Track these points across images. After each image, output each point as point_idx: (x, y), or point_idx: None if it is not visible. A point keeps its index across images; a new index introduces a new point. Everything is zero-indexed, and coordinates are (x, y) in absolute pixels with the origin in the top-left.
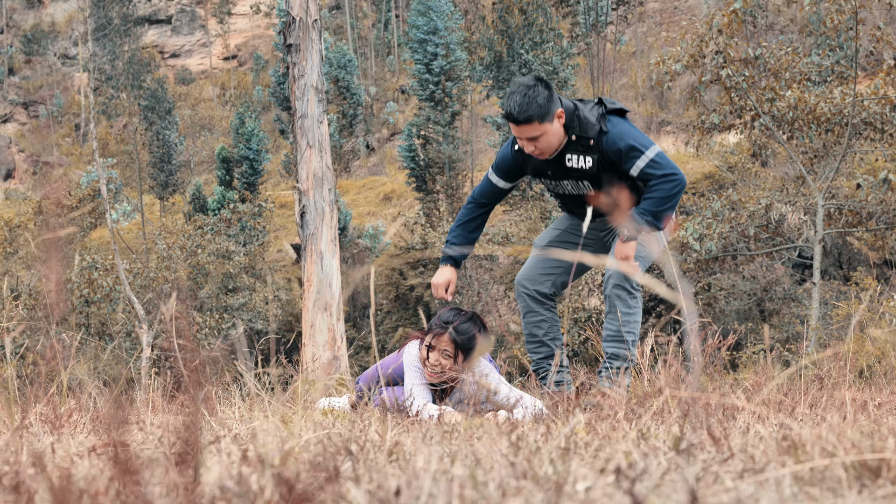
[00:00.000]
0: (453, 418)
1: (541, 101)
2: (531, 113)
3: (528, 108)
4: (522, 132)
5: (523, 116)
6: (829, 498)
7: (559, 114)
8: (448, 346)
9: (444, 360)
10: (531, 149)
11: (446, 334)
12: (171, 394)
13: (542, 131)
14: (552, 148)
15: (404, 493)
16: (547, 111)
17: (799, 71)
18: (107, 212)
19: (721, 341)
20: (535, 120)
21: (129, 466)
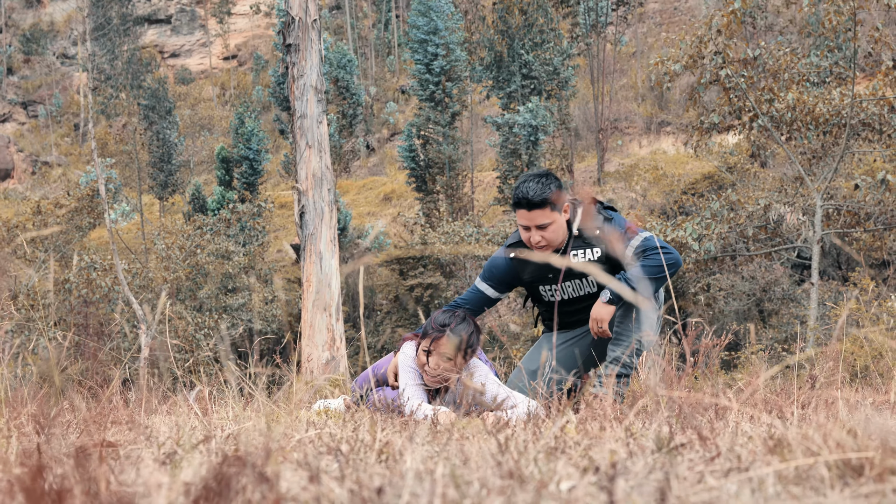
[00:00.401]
0: (447, 418)
1: (554, 189)
2: (546, 196)
3: (544, 193)
4: (534, 218)
5: (539, 199)
6: (811, 496)
7: (566, 207)
8: (447, 349)
9: (443, 364)
10: (537, 239)
11: (444, 337)
12: (165, 394)
13: (553, 219)
14: (557, 242)
15: (387, 493)
16: (559, 199)
17: (798, 72)
18: (105, 212)
19: (716, 340)
20: (549, 206)
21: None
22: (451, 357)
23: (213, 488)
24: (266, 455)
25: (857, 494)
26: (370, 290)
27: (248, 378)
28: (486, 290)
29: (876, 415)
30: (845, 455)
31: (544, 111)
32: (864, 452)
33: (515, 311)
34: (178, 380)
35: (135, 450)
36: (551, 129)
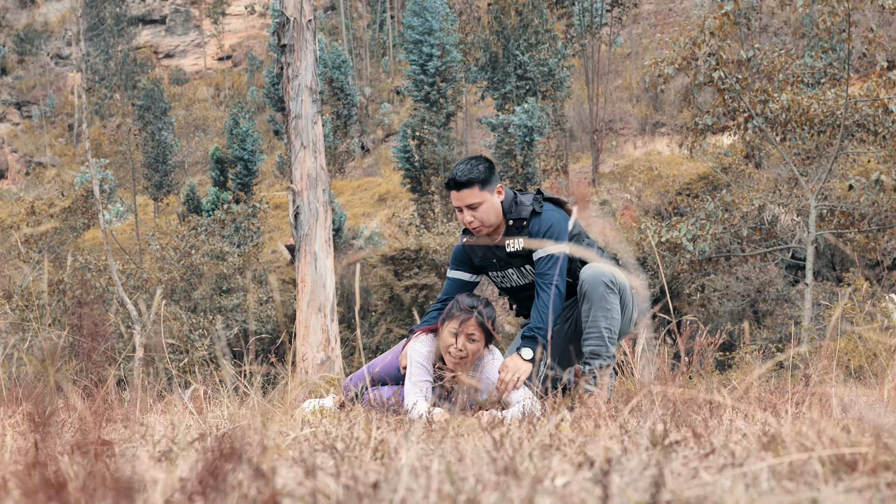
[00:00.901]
0: (442, 417)
1: (482, 169)
2: (472, 177)
3: (470, 173)
4: (462, 198)
5: (464, 178)
6: (805, 491)
7: (499, 189)
8: (475, 330)
9: (469, 345)
10: (469, 219)
11: (473, 319)
12: (160, 393)
13: (482, 199)
14: (490, 222)
15: (383, 488)
16: (487, 179)
17: (792, 73)
18: (99, 212)
19: (710, 339)
20: (476, 185)
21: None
22: (477, 338)
23: (208, 483)
24: (261, 450)
25: (851, 489)
26: (365, 290)
27: (243, 377)
28: (460, 276)
29: (869, 411)
30: (839, 451)
31: (540, 112)
32: (858, 448)
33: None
34: (174, 379)
35: (130, 448)
36: (546, 130)
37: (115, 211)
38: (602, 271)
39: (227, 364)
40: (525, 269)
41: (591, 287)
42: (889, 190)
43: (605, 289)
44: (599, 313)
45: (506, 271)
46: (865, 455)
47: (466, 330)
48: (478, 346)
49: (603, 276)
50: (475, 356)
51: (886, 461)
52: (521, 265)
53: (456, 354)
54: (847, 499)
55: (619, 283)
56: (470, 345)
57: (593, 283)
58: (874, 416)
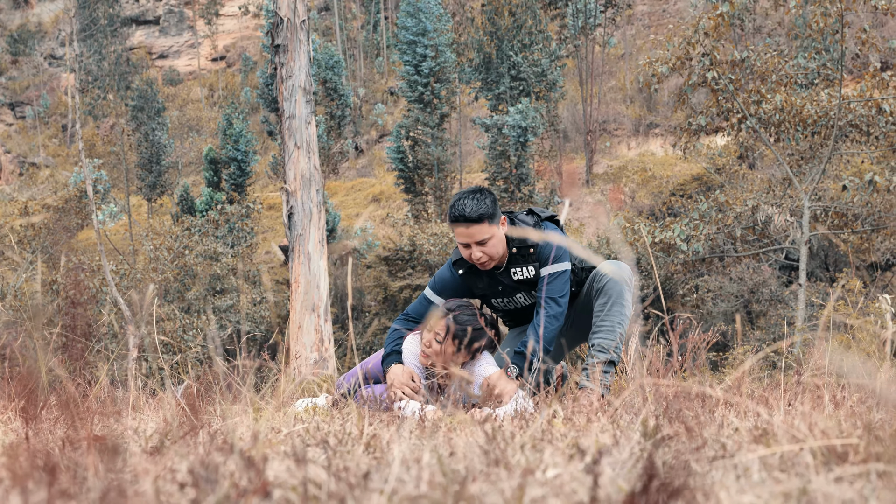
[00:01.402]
0: (434, 415)
1: (489, 203)
2: (482, 212)
3: (480, 208)
4: (472, 234)
5: (476, 215)
6: (795, 481)
7: (503, 220)
8: (441, 330)
9: (434, 344)
10: (479, 255)
11: (444, 320)
12: (153, 391)
13: (492, 234)
14: (498, 255)
15: (373, 478)
16: (495, 213)
17: (785, 73)
18: (93, 213)
19: (703, 336)
20: (486, 220)
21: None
22: (441, 341)
23: (200, 474)
24: (253, 441)
25: (841, 479)
26: (358, 291)
27: (235, 373)
28: (437, 301)
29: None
30: (830, 442)
31: (534, 112)
32: (849, 439)
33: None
34: (167, 378)
35: (122, 443)
36: (540, 131)
37: (109, 211)
38: (623, 269)
39: (220, 361)
40: (534, 292)
41: (612, 283)
42: (882, 190)
43: (623, 287)
44: (615, 309)
45: (513, 297)
46: (856, 446)
47: (435, 328)
48: (442, 348)
49: (624, 274)
50: (444, 358)
51: (877, 452)
52: (529, 290)
53: (425, 351)
54: (838, 489)
55: (632, 283)
56: (435, 344)
57: (616, 279)
58: (888, 392)
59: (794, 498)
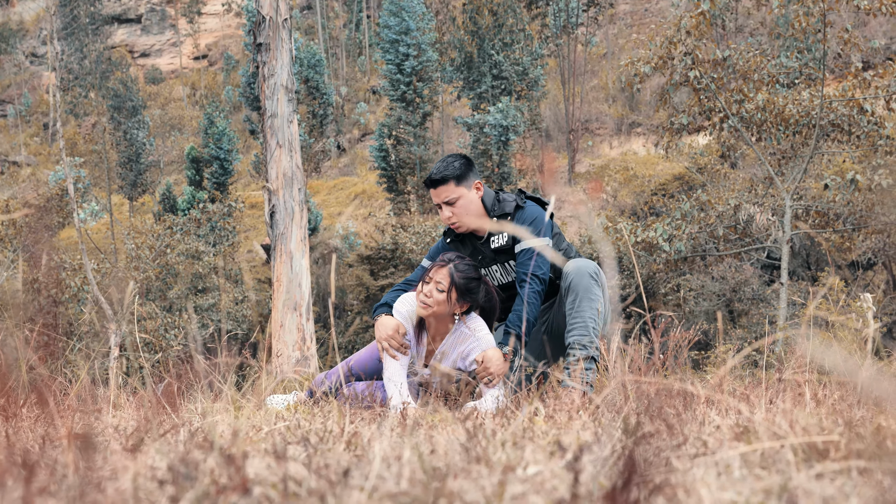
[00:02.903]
0: (416, 413)
1: (457, 165)
2: (447, 173)
3: (445, 170)
4: (439, 194)
5: (439, 175)
6: (776, 477)
7: (477, 184)
8: (444, 279)
9: (436, 294)
10: (448, 214)
11: (445, 269)
12: (134, 390)
13: (458, 195)
14: (469, 218)
15: (354, 475)
16: (463, 175)
17: (767, 73)
18: (74, 211)
19: (685, 333)
20: (451, 181)
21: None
22: (444, 289)
23: (179, 471)
24: (233, 438)
25: (822, 475)
26: (341, 290)
27: (216, 371)
28: None
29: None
30: (811, 439)
31: (515, 111)
32: (830, 436)
33: None
34: (147, 375)
35: (103, 441)
36: (522, 130)
37: (91, 210)
38: (587, 263)
39: (201, 359)
40: (508, 265)
41: (577, 278)
42: (864, 190)
43: (590, 280)
44: (585, 304)
45: (490, 268)
46: (837, 443)
47: (435, 277)
48: (443, 297)
49: (588, 268)
50: (440, 308)
51: (859, 449)
52: (505, 261)
53: (422, 300)
54: (818, 485)
55: (602, 277)
56: (437, 294)
57: (579, 275)
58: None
59: (774, 494)
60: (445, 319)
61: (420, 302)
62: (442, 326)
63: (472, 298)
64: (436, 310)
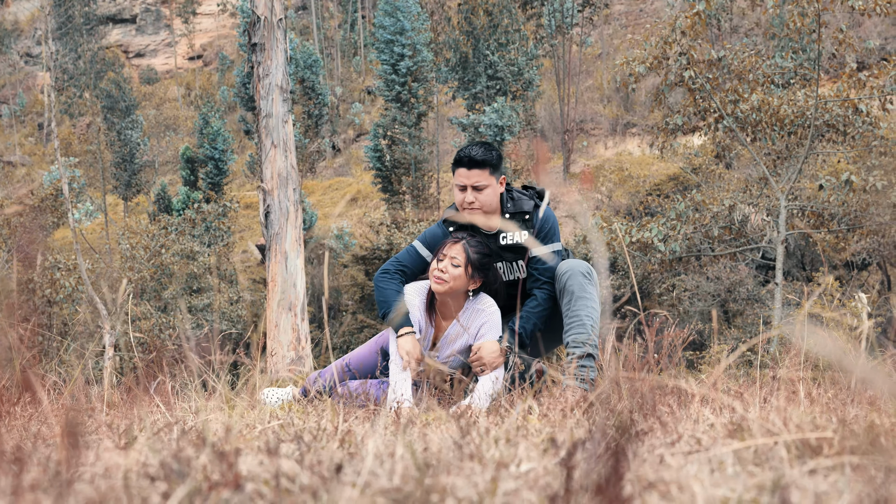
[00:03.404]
0: (411, 413)
1: (496, 155)
2: (487, 158)
3: (486, 155)
4: (471, 177)
5: (480, 158)
6: (769, 474)
7: (503, 180)
8: (459, 254)
9: (452, 269)
10: (471, 199)
11: (460, 244)
12: (129, 389)
13: (489, 183)
14: (489, 208)
15: (346, 471)
16: (497, 166)
17: (762, 73)
18: (69, 211)
19: (679, 332)
20: (488, 167)
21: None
22: (459, 264)
23: (171, 467)
24: (226, 434)
25: (815, 471)
26: (336, 290)
27: (210, 370)
28: (425, 255)
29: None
30: (804, 436)
31: (510, 111)
32: (823, 433)
33: None
34: (141, 375)
35: (95, 439)
36: (517, 130)
37: (85, 210)
38: (579, 263)
39: (195, 357)
40: (515, 264)
41: (570, 278)
42: (859, 190)
43: (583, 279)
44: (580, 303)
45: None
46: (830, 440)
47: (450, 253)
48: (460, 272)
49: (580, 268)
50: (457, 283)
51: (852, 445)
52: (512, 260)
53: (438, 276)
54: (811, 481)
55: (594, 276)
56: (452, 269)
57: (572, 274)
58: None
59: (767, 490)
60: (460, 297)
61: (435, 279)
62: (457, 304)
63: (485, 275)
64: (452, 285)
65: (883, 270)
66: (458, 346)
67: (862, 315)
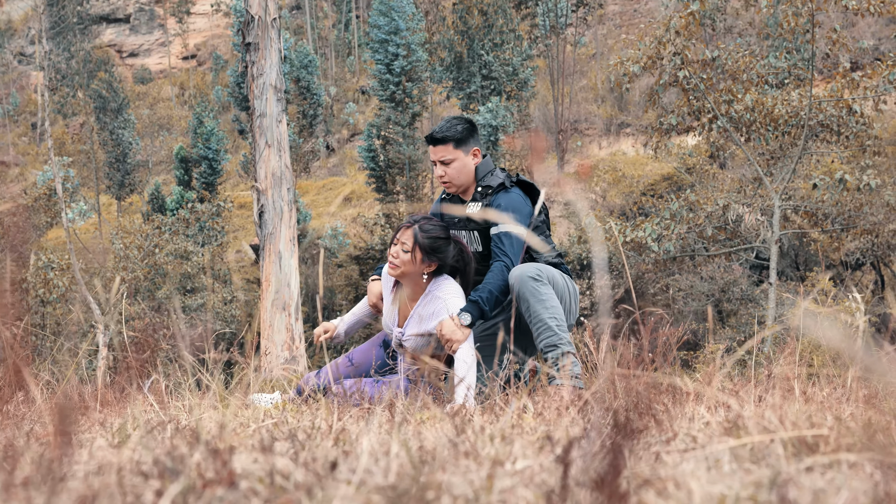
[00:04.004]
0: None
1: (460, 129)
2: (448, 134)
3: (447, 130)
4: (437, 153)
5: (440, 135)
6: (766, 471)
7: (475, 151)
8: (409, 239)
9: (402, 255)
10: (440, 172)
11: (410, 229)
12: (122, 389)
13: (455, 157)
14: (459, 180)
15: (341, 469)
16: (463, 139)
17: (756, 73)
18: (62, 211)
19: (674, 331)
20: (451, 142)
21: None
22: (409, 249)
23: (165, 465)
24: (220, 431)
25: (812, 469)
26: (330, 290)
27: (203, 367)
28: None
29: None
30: (800, 433)
31: (504, 111)
32: (819, 430)
33: None
34: (135, 374)
35: (89, 438)
36: (511, 130)
37: (79, 210)
38: (525, 268)
39: (188, 355)
40: (473, 234)
41: (520, 284)
42: (852, 190)
43: (533, 283)
44: (538, 306)
45: (460, 232)
46: (827, 437)
47: (402, 238)
48: (408, 258)
49: (527, 272)
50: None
51: (848, 443)
52: (472, 229)
53: (391, 261)
54: (809, 478)
55: (545, 274)
56: (403, 254)
57: (521, 281)
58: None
59: (765, 487)
60: (418, 281)
61: (389, 263)
62: (417, 288)
63: (438, 258)
64: (403, 269)
65: (877, 270)
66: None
67: (857, 314)
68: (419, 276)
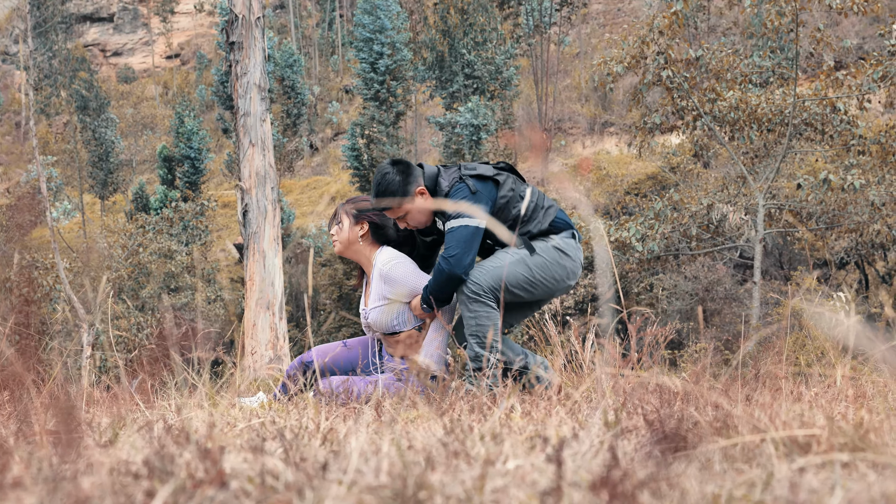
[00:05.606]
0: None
1: (394, 188)
2: (387, 194)
3: (384, 191)
4: (390, 213)
5: (381, 197)
6: (757, 471)
7: (420, 191)
8: (339, 213)
9: (334, 227)
10: (403, 226)
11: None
12: (108, 387)
13: (406, 209)
14: (423, 221)
15: (332, 469)
16: (401, 188)
17: (740, 72)
18: (47, 210)
19: (661, 330)
20: (394, 198)
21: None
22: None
23: (155, 465)
24: (209, 430)
25: (805, 469)
26: (314, 289)
27: (190, 367)
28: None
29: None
30: (792, 433)
31: (485, 110)
32: (811, 430)
33: None
34: (121, 373)
35: (76, 437)
36: (493, 129)
37: (63, 209)
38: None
39: (176, 355)
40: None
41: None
42: (836, 189)
43: (465, 297)
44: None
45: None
46: (819, 437)
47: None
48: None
49: (463, 290)
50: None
51: (840, 443)
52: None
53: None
54: (802, 478)
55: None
56: (334, 226)
57: (459, 296)
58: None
59: (759, 487)
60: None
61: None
62: (367, 263)
63: (364, 216)
64: (340, 241)
65: (861, 269)
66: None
67: (841, 312)
68: (357, 243)
